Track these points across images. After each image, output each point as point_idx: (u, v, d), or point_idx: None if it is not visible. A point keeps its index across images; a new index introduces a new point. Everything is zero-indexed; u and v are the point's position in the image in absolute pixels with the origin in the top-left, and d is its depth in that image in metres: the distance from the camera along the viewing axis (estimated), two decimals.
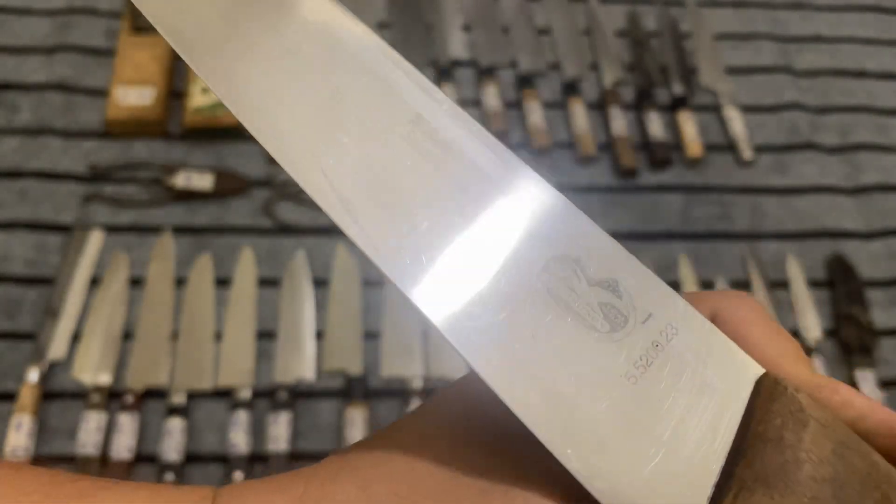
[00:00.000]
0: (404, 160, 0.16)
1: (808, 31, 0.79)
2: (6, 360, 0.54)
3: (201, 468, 0.51)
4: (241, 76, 0.16)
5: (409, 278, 0.15)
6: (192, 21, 0.17)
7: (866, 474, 0.14)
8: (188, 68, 0.66)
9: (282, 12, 0.17)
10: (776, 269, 0.64)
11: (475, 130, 0.17)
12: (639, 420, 0.14)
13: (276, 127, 0.16)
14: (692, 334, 0.15)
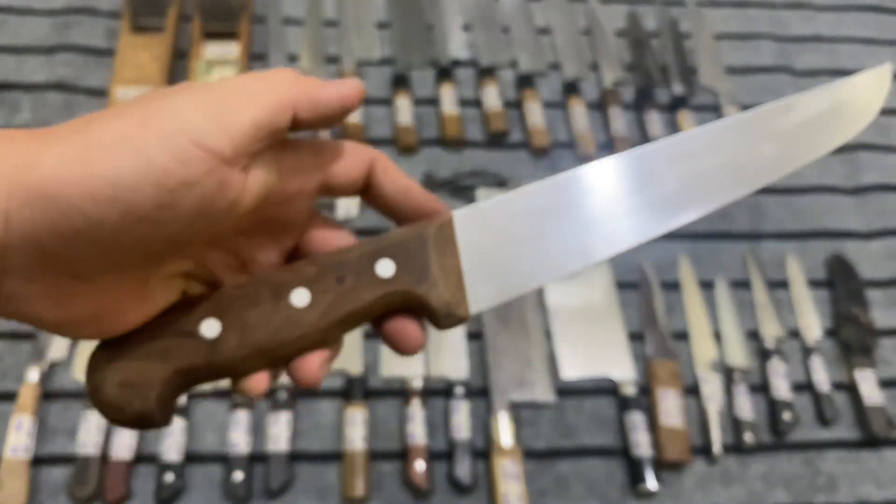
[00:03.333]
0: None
1: (808, 31, 0.79)
2: (7, 361, 0.54)
3: (201, 468, 0.51)
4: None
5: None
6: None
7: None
8: (187, 68, 0.66)
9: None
10: (776, 268, 0.64)
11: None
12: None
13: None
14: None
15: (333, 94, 0.20)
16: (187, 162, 0.17)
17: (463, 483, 0.51)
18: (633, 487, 0.53)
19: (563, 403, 0.55)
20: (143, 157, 0.17)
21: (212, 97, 0.18)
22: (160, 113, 0.17)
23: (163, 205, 0.17)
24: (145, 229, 0.17)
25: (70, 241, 0.17)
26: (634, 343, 0.58)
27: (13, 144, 0.17)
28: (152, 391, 0.20)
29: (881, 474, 0.55)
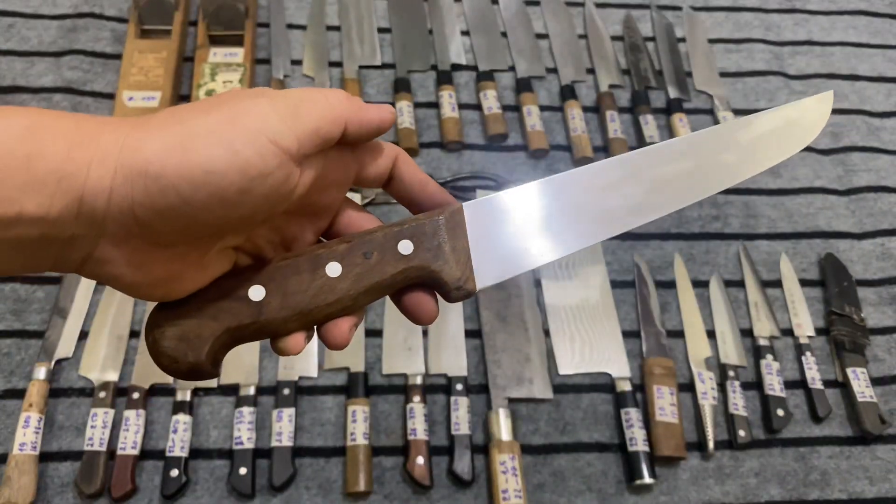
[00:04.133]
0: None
1: (801, 36, 0.80)
2: (15, 358, 0.55)
3: (206, 463, 0.52)
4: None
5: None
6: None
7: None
8: (193, 72, 0.68)
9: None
10: (769, 268, 0.65)
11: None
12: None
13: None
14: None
15: (375, 117, 0.24)
16: (265, 156, 0.21)
17: (463, 477, 0.52)
18: (628, 482, 0.54)
19: (560, 400, 0.56)
20: (231, 149, 0.20)
21: (286, 105, 0.22)
22: (245, 113, 0.21)
23: (244, 190, 0.20)
24: (226, 210, 0.21)
25: (162, 214, 0.20)
26: (630, 341, 0.59)
27: (119, 130, 0.20)
28: (205, 345, 0.23)
29: (873, 470, 0.56)
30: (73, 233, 0.20)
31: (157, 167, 0.19)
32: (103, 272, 0.21)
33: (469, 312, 0.59)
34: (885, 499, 0.55)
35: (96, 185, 0.19)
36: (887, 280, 0.65)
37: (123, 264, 0.21)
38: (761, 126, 0.28)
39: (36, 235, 0.19)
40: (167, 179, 0.19)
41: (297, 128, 0.22)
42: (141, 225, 0.20)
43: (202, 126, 0.20)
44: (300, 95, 0.22)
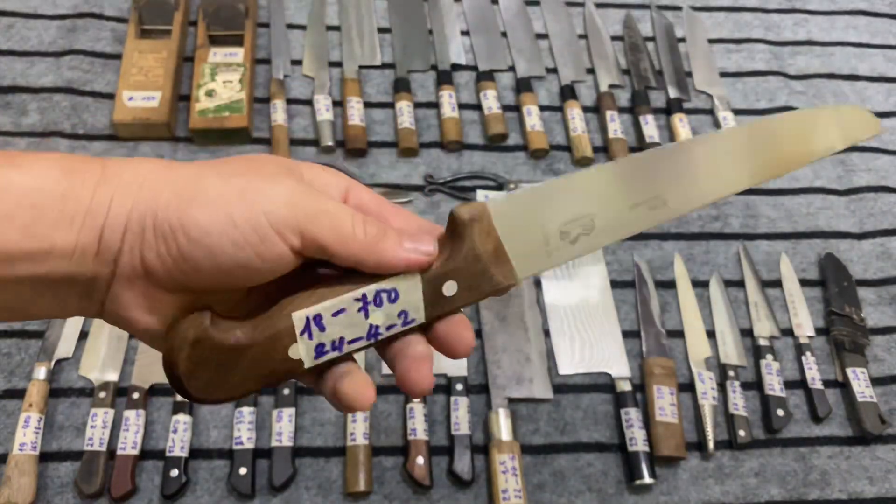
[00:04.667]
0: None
1: (801, 36, 0.80)
2: (15, 358, 0.55)
3: (206, 463, 0.52)
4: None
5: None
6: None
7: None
8: (193, 72, 0.68)
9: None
10: (769, 268, 0.65)
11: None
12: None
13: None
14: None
15: (399, 261, 0.22)
16: (264, 239, 0.21)
17: (462, 477, 0.52)
18: (628, 482, 0.54)
19: (560, 400, 0.56)
20: (231, 222, 0.21)
21: (307, 201, 0.22)
22: (258, 193, 0.21)
23: (239, 264, 0.21)
24: (219, 274, 0.21)
25: (162, 260, 0.21)
26: (630, 341, 0.59)
27: (142, 168, 0.21)
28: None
29: (873, 470, 0.56)
30: (94, 271, 0.21)
31: (163, 213, 0.21)
32: (121, 315, 0.22)
33: (469, 313, 0.60)
34: (885, 499, 0.55)
35: (115, 221, 0.21)
36: (887, 280, 0.65)
37: (135, 307, 0.22)
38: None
39: (63, 272, 0.20)
40: (169, 228, 0.20)
41: (304, 228, 0.21)
42: (146, 266, 0.21)
43: (214, 191, 0.21)
44: (325, 206, 0.22)
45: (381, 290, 0.22)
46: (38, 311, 0.22)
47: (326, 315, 0.22)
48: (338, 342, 0.22)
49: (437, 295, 0.23)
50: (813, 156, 0.29)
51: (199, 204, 0.21)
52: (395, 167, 0.67)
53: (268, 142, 0.67)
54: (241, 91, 0.66)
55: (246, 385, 0.22)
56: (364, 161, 0.67)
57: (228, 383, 0.22)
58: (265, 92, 0.70)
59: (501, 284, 0.24)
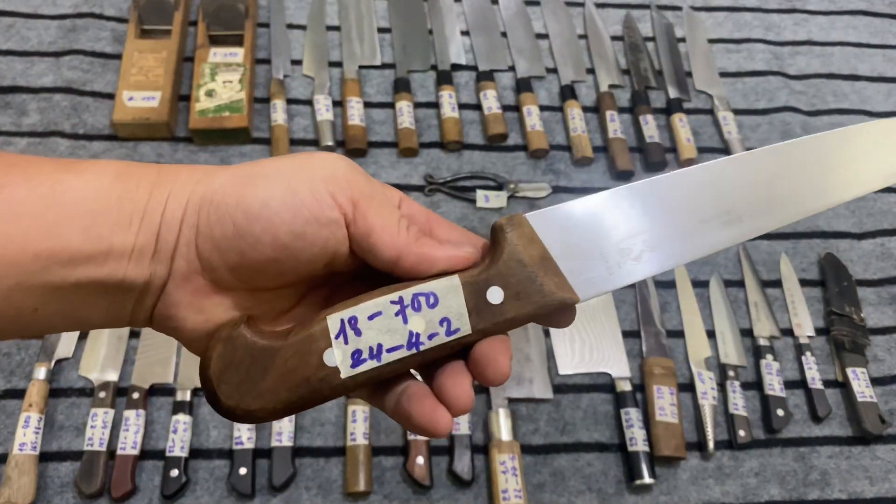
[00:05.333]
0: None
1: (801, 36, 0.81)
2: (15, 358, 0.55)
3: (206, 463, 0.52)
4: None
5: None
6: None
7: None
8: (193, 72, 0.68)
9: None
10: (769, 268, 0.65)
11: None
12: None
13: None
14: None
15: (441, 257, 0.22)
16: (321, 202, 0.21)
17: (463, 477, 0.52)
18: (628, 482, 0.54)
19: (560, 400, 0.57)
20: (290, 189, 0.21)
21: (361, 178, 0.22)
22: (316, 165, 0.22)
23: (295, 233, 0.21)
24: (275, 250, 0.21)
25: (218, 246, 0.21)
26: (630, 341, 0.59)
27: (197, 170, 0.22)
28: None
29: (873, 470, 0.56)
30: (151, 272, 0.21)
31: (220, 196, 0.21)
32: (171, 316, 0.22)
33: None
34: (885, 499, 0.55)
35: (171, 218, 0.21)
36: (887, 280, 0.65)
37: (186, 306, 0.22)
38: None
39: (121, 276, 0.21)
40: (226, 209, 0.21)
41: (358, 202, 0.21)
42: (201, 258, 0.21)
43: (271, 167, 0.22)
44: (379, 191, 0.22)
45: (418, 293, 0.22)
46: (93, 319, 0.22)
47: (362, 318, 0.21)
48: (375, 349, 0.21)
49: (482, 302, 0.22)
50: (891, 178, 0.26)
51: (256, 182, 0.21)
52: (395, 167, 0.67)
53: (268, 142, 0.67)
54: (241, 91, 0.66)
55: (279, 394, 0.21)
56: (364, 161, 0.67)
57: (259, 388, 0.21)
58: (265, 92, 0.70)
59: (555, 295, 0.22)
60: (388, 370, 0.21)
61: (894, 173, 0.26)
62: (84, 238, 0.20)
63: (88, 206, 0.20)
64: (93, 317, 0.22)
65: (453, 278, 0.22)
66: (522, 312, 0.22)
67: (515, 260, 0.22)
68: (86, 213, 0.20)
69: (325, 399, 0.21)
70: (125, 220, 0.20)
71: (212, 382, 0.21)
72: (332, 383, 0.21)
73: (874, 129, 0.26)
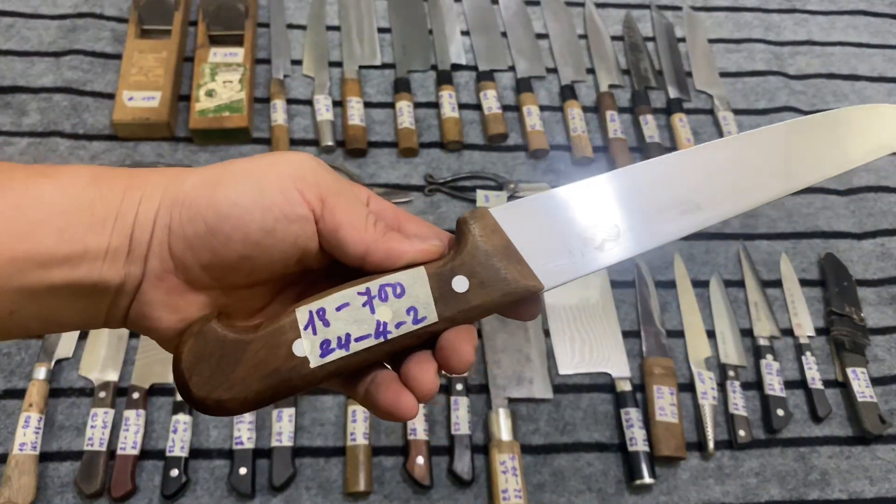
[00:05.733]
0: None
1: (801, 36, 0.81)
2: (15, 358, 0.55)
3: (206, 463, 0.52)
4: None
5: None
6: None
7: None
8: (193, 72, 0.68)
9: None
10: (769, 268, 0.65)
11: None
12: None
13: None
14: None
15: (408, 250, 0.23)
16: (290, 199, 0.22)
17: (463, 477, 0.52)
18: (628, 482, 0.54)
19: (560, 400, 0.57)
20: (260, 187, 0.21)
21: (329, 176, 0.22)
22: (287, 163, 0.22)
23: (266, 230, 0.21)
24: (246, 248, 0.21)
25: (191, 245, 0.21)
26: (630, 341, 0.59)
27: (168, 172, 0.22)
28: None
29: (873, 470, 0.56)
30: (125, 272, 0.21)
31: (192, 196, 0.21)
32: (146, 315, 0.22)
33: None
34: (885, 499, 0.55)
35: (143, 220, 0.21)
36: (887, 280, 0.65)
37: (161, 306, 0.22)
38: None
39: (96, 278, 0.21)
40: (197, 208, 0.21)
41: (326, 199, 0.22)
42: (174, 258, 0.21)
43: (240, 167, 0.22)
44: (348, 189, 0.23)
45: (385, 283, 0.22)
46: (68, 320, 0.22)
47: (330, 309, 0.22)
48: (344, 339, 0.22)
49: (448, 291, 0.23)
50: (854, 162, 0.27)
51: (226, 181, 0.21)
52: (395, 167, 0.67)
53: (268, 142, 0.67)
54: (241, 91, 0.66)
55: (249, 385, 0.21)
56: (364, 161, 0.67)
57: (231, 380, 0.21)
58: (265, 92, 0.70)
59: (519, 282, 0.23)
60: (356, 359, 0.22)
61: (851, 160, 0.27)
62: (58, 241, 0.20)
63: (62, 210, 0.20)
64: (68, 318, 0.22)
65: (419, 269, 0.23)
66: (488, 300, 0.23)
67: (479, 250, 0.23)
68: (60, 216, 0.20)
69: (295, 390, 0.22)
70: (99, 223, 0.21)
71: (183, 375, 0.21)
72: (302, 373, 0.21)
73: (833, 117, 0.27)
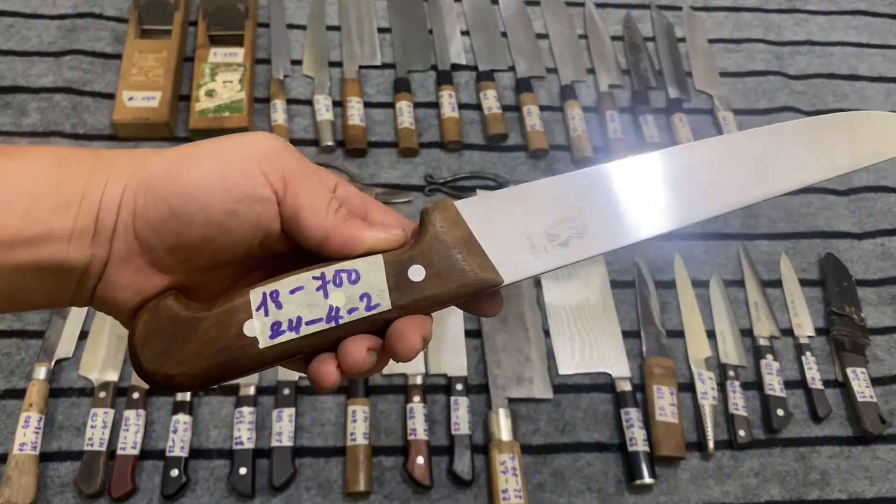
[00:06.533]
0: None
1: (801, 36, 0.81)
2: (15, 358, 0.55)
3: (206, 463, 0.52)
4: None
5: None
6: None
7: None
8: (193, 72, 0.68)
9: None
10: (769, 268, 0.65)
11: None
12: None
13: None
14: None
15: (368, 237, 0.23)
16: (253, 180, 0.22)
17: (463, 477, 0.52)
18: (628, 482, 0.54)
19: (560, 400, 0.57)
20: (223, 168, 0.21)
21: (294, 158, 0.22)
22: (252, 144, 0.22)
23: (228, 211, 0.21)
24: (209, 229, 0.21)
25: (155, 229, 0.21)
26: (630, 341, 0.59)
27: (134, 155, 0.22)
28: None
29: (873, 470, 0.56)
30: (91, 253, 0.21)
31: (156, 179, 0.21)
32: (111, 297, 0.22)
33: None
34: (885, 499, 0.55)
35: (109, 202, 0.21)
36: (887, 280, 0.65)
37: (126, 287, 0.22)
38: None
39: (61, 258, 0.21)
40: (161, 191, 0.21)
41: (289, 181, 0.22)
42: (139, 240, 0.22)
43: (205, 148, 0.22)
44: (312, 172, 0.23)
45: (341, 269, 0.22)
46: (34, 300, 0.22)
47: (283, 292, 0.22)
48: (295, 321, 0.22)
49: (403, 279, 0.22)
50: (840, 170, 0.26)
51: (190, 163, 0.21)
52: (395, 167, 0.67)
53: None
54: (241, 91, 0.66)
55: (198, 361, 0.21)
56: (364, 161, 0.67)
57: (180, 355, 0.21)
58: (265, 92, 0.70)
59: (477, 274, 0.23)
60: (306, 343, 0.22)
61: (819, 172, 0.26)
62: (23, 221, 0.20)
63: (27, 191, 0.20)
64: (34, 297, 0.22)
65: (376, 257, 0.23)
66: (444, 290, 0.23)
67: (439, 240, 0.23)
68: (24, 197, 0.20)
69: (244, 369, 0.22)
70: (64, 204, 0.21)
71: (135, 348, 0.22)
72: (251, 353, 0.22)
73: (804, 126, 0.27)
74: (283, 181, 0.22)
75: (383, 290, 0.22)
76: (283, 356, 0.22)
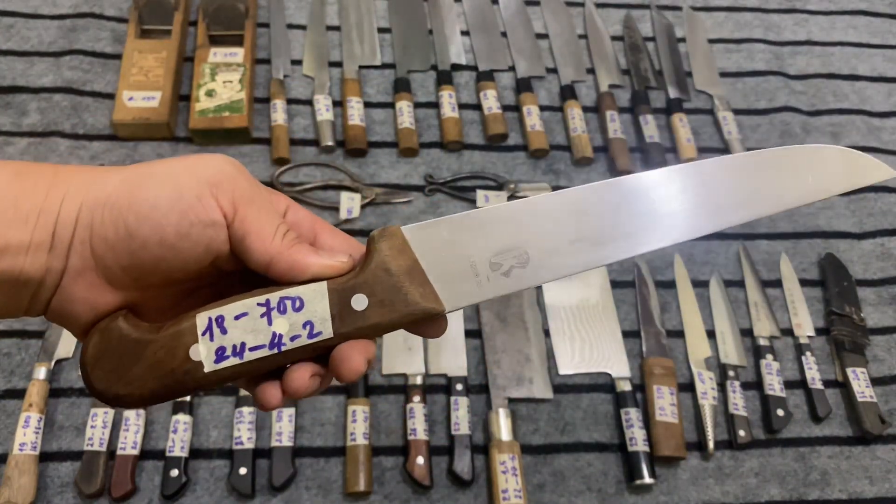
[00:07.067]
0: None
1: (801, 36, 0.81)
2: (15, 358, 0.55)
3: (206, 463, 0.52)
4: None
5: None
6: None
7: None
8: (193, 72, 0.68)
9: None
10: (769, 268, 0.65)
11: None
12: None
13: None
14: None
15: (313, 263, 0.23)
16: (205, 204, 0.22)
17: (463, 477, 0.52)
18: (628, 482, 0.54)
19: (560, 400, 0.57)
20: (177, 191, 0.22)
21: (245, 183, 0.23)
22: (206, 166, 0.23)
23: (181, 234, 0.22)
24: (163, 250, 0.22)
25: (112, 247, 0.22)
26: (630, 341, 0.59)
27: (92, 172, 0.23)
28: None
29: (873, 470, 0.56)
30: (47, 266, 0.22)
31: (112, 198, 0.22)
32: (66, 310, 0.23)
33: (469, 312, 0.60)
34: (885, 499, 0.55)
35: (66, 218, 0.22)
36: (887, 280, 0.65)
37: (80, 301, 0.23)
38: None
39: (18, 270, 0.21)
40: (118, 210, 0.22)
41: (238, 206, 0.22)
42: (95, 257, 0.22)
43: (160, 168, 0.23)
44: (262, 199, 0.23)
45: (285, 297, 0.23)
46: None
47: (229, 317, 0.22)
48: (239, 347, 0.23)
49: (346, 308, 0.23)
50: (795, 203, 0.26)
51: (146, 183, 0.22)
52: (395, 167, 0.67)
53: (268, 142, 0.67)
54: (241, 91, 0.66)
55: (146, 382, 0.22)
56: (364, 161, 0.67)
57: (129, 376, 0.22)
58: (265, 92, 0.70)
59: (419, 304, 0.24)
60: (250, 367, 0.23)
61: (785, 202, 0.26)
62: None
63: None
64: None
65: (321, 284, 0.23)
66: (386, 319, 0.23)
67: (383, 269, 0.24)
68: None
69: (189, 391, 0.23)
70: (21, 219, 0.21)
71: (86, 368, 0.22)
72: (196, 376, 0.22)
73: (753, 159, 0.27)
74: (233, 205, 0.22)
75: (326, 318, 0.23)
76: (228, 379, 0.23)
